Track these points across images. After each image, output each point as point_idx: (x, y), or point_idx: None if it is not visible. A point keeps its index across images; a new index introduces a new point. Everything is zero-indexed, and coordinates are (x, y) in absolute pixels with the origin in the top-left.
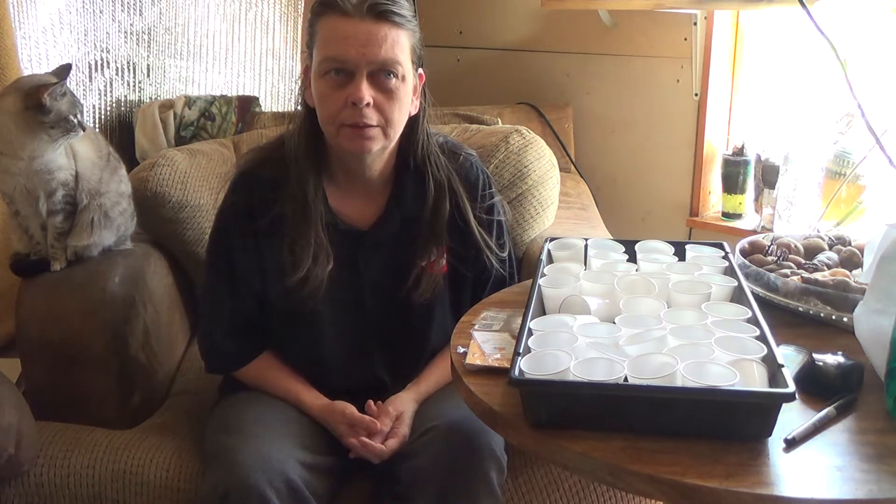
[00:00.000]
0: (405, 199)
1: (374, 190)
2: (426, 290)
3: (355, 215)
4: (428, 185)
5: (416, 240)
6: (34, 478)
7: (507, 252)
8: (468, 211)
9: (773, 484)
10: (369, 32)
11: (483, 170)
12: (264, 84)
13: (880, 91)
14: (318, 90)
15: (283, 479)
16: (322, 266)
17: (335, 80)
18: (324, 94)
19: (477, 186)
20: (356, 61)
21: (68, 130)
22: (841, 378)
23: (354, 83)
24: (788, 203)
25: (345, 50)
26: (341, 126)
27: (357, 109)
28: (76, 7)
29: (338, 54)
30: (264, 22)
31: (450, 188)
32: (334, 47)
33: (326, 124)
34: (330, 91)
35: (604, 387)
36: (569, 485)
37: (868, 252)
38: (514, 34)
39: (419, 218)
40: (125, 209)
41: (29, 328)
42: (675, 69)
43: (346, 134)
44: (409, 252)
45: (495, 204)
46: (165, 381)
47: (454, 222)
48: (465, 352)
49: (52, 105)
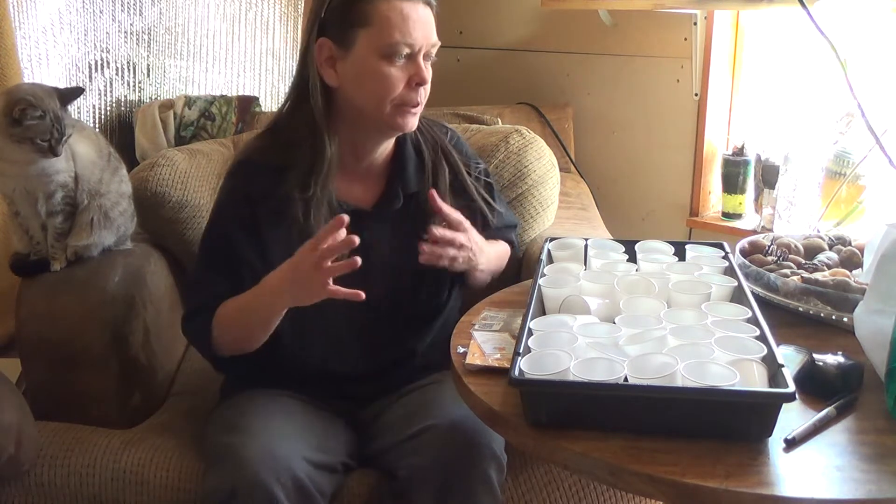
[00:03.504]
0: (407, 175)
1: (376, 171)
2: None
3: (359, 196)
4: (425, 156)
5: (419, 213)
6: (34, 477)
7: (508, 217)
8: (465, 176)
9: (773, 484)
10: (427, 16)
11: (467, 144)
12: (264, 84)
13: (880, 91)
14: (376, 70)
15: (290, 476)
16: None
17: (399, 62)
18: (385, 75)
19: (469, 156)
20: (421, 44)
21: (37, 151)
22: (841, 378)
23: (416, 64)
24: (788, 203)
25: (413, 33)
26: (398, 105)
27: (417, 90)
28: (76, 7)
29: (408, 38)
30: (264, 22)
31: (446, 159)
32: (404, 31)
33: (380, 103)
34: (395, 72)
35: (604, 387)
36: (568, 484)
37: (868, 252)
38: (514, 34)
39: (421, 193)
40: (125, 209)
41: (29, 328)
42: (675, 69)
43: (400, 112)
44: (414, 228)
45: (488, 169)
46: (165, 382)
47: (455, 191)
48: (465, 352)
49: (24, 123)
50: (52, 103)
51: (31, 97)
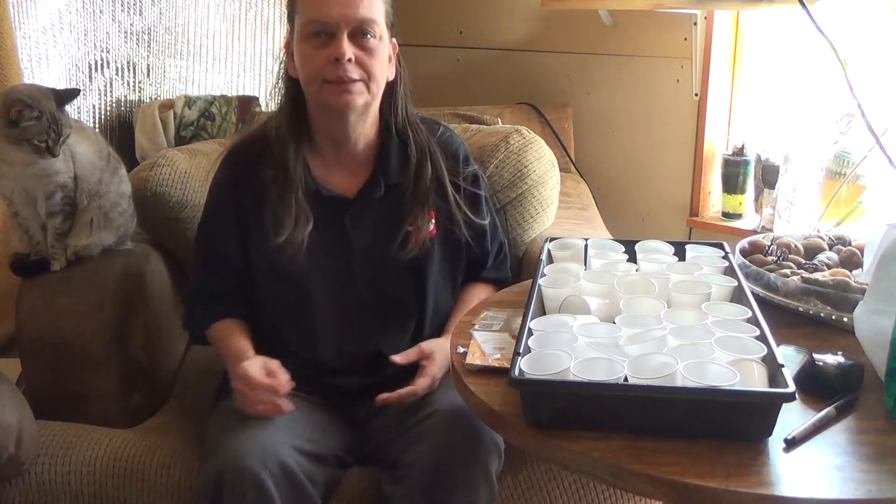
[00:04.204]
0: (390, 166)
1: (359, 160)
2: (413, 248)
3: (341, 185)
4: (410, 151)
5: (401, 203)
6: (35, 477)
7: (493, 231)
8: (446, 178)
9: (773, 484)
10: None
11: (461, 142)
12: (264, 84)
13: (880, 91)
14: (301, 53)
15: (277, 462)
16: (302, 226)
17: (317, 41)
18: (306, 56)
19: (458, 157)
20: (337, 21)
21: (35, 151)
22: (841, 378)
23: (336, 41)
24: (788, 203)
25: (327, 11)
26: (324, 83)
27: (339, 65)
28: (76, 7)
29: (320, 16)
30: (264, 22)
31: (431, 154)
32: (316, 10)
33: (310, 83)
34: (312, 51)
35: (604, 387)
36: (568, 483)
37: (868, 252)
38: (514, 34)
39: (403, 183)
40: (125, 210)
41: (29, 328)
42: (675, 69)
43: (329, 90)
44: (396, 216)
45: (479, 175)
46: (166, 382)
47: (439, 186)
48: (465, 352)
49: (21, 124)
50: (48, 104)
51: (27, 98)
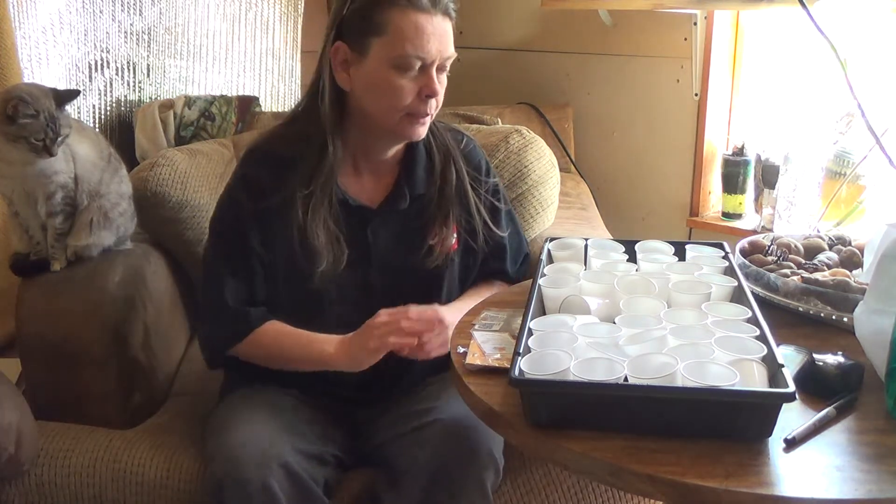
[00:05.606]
0: (416, 178)
1: (384, 170)
2: (434, 260)
3: (366, 194)
4: (434, 158)
5: (424, 215)
6: (34, 477)
7: (510, 242)
8: (468, 184)
9: (773, 484)
10: (443, 29)
11: (483, 154)
12: (264, 84)
13: (880, 91)
14: (387, 80)
15: (278, 464)
16: (338, 259)
17: (409, 74)
18: (395, 86)
19: (480, 169)
20: (434, 57)
21: (32, 150)
22: (841, 378)
23: (428, 76)
24: (788, 203)
25: (428, 48)
26: (407, 115)
27: (427, 101)
28: (76, 7)
29: (420, 52)
30: (264, 22)
31: (454, 159)
32: (417, 44)
33: (390, 112)
34: (403, 83)
35: (604, 387)
36: (568, 485)
37: (868, 252)
38: (514, 34)
39: (427, 194)
40: (125, 210)
41: (29, 328)
42: (675, 69)
43: (408, 121)
44: (418, 227)
45: (500, 189)
46: (165, 382)
47: (462, 192)
48: (465, 352)
49: (17, 121)
50: (47, 103)
51: (25, 95)
